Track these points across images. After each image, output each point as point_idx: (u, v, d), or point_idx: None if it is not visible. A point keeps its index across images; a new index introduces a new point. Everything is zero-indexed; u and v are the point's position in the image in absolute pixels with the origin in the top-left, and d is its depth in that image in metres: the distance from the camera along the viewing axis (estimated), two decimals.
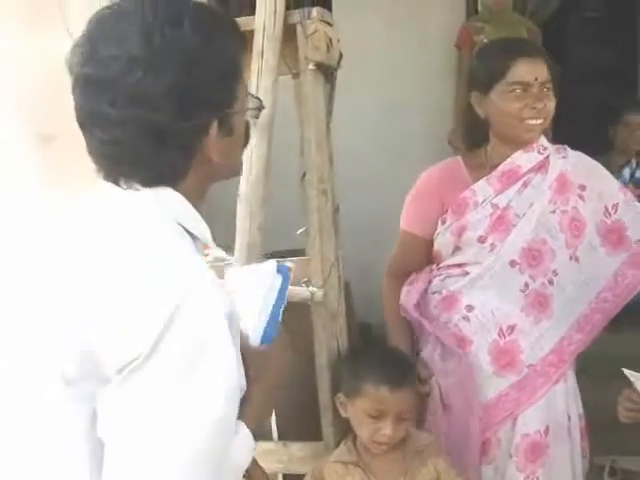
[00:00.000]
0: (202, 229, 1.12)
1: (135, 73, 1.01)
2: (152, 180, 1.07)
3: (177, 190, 1.09)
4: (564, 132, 4.23)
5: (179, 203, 1.09)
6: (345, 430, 2.00)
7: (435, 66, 4.31)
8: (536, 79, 2.02)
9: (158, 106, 1.02)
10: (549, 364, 2.07)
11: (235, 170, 1.21)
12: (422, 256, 2.20)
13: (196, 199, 1.12)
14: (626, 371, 1.76)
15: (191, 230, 1.10)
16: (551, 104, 2.05)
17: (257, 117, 1.23)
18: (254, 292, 1.28)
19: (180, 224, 1.08)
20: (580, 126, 4.62)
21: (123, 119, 1.02)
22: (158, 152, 1.05)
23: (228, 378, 1.01)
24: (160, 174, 1.07)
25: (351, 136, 4.39)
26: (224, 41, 1.08)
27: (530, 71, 2.03)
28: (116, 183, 1.08)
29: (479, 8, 4.35)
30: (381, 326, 2.51)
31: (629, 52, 4.30)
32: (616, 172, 3.93)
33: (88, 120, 1.06)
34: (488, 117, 2.10)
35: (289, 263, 1.31)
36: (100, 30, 1.05)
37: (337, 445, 1.99)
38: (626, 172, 3.96)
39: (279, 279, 1.28)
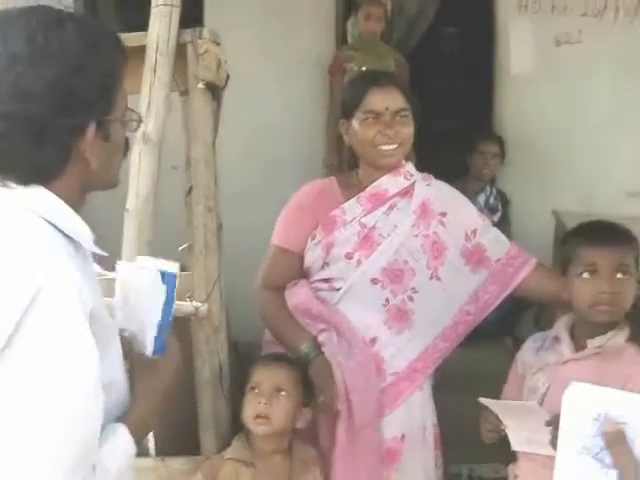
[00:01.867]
0: (79, 230, 1.14)
1: (16, 69, 1.05)
2: (27, 176, 1.09)
3: (52, 189, 1.11)
4: (425, 157, 4.50)
5: (50, 202, 1.11)
6: (225, 444, 2.04)
7: (307, 90, 4.42)
8: (387, 108, 2.17)
9: (37, 102, 1.06)
10: (414, 370, 2.19)
11: (111, 181, 1.23)
12: (293, 271, 2.25)
13: (73, 202, 1.14)
14: (482, 400, 1.86)
15: (65, 230, 1.11)
16: (405, 130, 2.19)
17: (135, 130, 1.26)
18: (141, 300, 1.28)
19: (51, 223, 1.09)
20: (440, 153, 4.88)
21: (5, 114, 1.05)
22: (35, 148, 1.08)
23: (85, 372, 1.03)
24: (35, 171, 1.09)
25: (224, 156, 4.44)
26: (107, 50, 1.13)
27: (381, 100, 2.18)
28: None
29: (348, 38, 4.51)
30: (248, 344, 2.56)
31: (487, 86, 4.59)
32: (471, 198, 4.20)
33: None
34: (352, 143, 2.24)
35: (173, 269, 1.29)
36: None
37: None
38: (481, 198, 4.21)
39: (164, 289, 1.27)
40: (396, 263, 2.19)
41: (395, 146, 2.19)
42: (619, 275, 1.86)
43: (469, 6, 4.73)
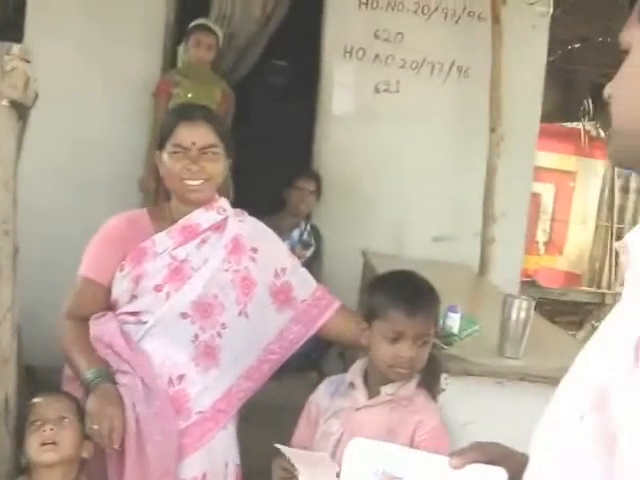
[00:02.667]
0: None
1: None
2: None
3: None
4: (244, 190, 4.54)
5: None
6: None
7: (131, 111, 4.33)
8: (194, 143, 2.17)
9: None
10: (218, 410, 2.16)
11: None
12: (99, 303, 2.19)
13: None
14: (280, 447, 1.87)
15: None
16: (212, 166, 2.19)
17: None
18: None
19: None
20: (262, 183, 4.94)
21: None
22: None
23: None
24: None
25: (36, 170, 4.26)
26: None
27: (188, 135, 2.17)
28: None
29: (178, 62, 4.47)
30: (47, 370, 2.45)
31: (308, 120, 4.71)
32: (287, 232, 4.28)
33: None
34: (162, 175, 2.23)
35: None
36: None
37: None
38: (295, 234, 4.30)
39: None
40: (206, 297, 2.18)
41: (200, 182, 2.18)
42: (420, 343, 1.96)
43: (301, 43, 4.87)
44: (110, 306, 2.20)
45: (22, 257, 2.12)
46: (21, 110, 1.89)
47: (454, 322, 2.36)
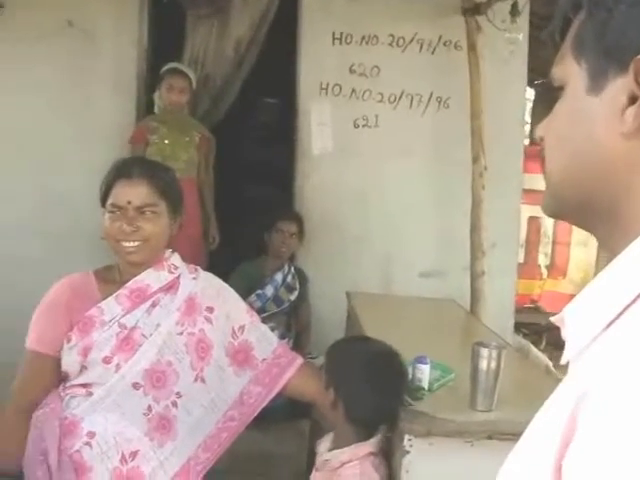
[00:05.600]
0: None
1: None
2: None
3: None
4: (226, 231, 4.44)
5: None
6: None
7: (102, 159, 4.23)
8: (129, 202, 2.04)
9: None
10: None
11: None
12: (51, 377, 2.07)
13: None
14: None
15: None
16: (150, 227, 2.06)
17: None
18: None
19: None
20: (246, 226, 4.86)
21: None
22: None
23: None
24: None
25: (6, 220, 4.22)
26: None
27: (124, 195, 2.05)
28: None
29: (155, 109, 4.41)
30: None
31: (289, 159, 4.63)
32: (270, 276, 4.17)
33: None
34: (104, 235, 2.11)
35: None
36: None
37: None
38: (279, 277, 4.19)
39: None
40: (159, 364, 2.05)
41: (137, 243, 2.05)
42: None
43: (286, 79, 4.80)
44: (62, 377, 2.08)
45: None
46: None
47: (423, 374, 2.22)
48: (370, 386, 2.00)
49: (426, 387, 2.21)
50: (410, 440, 1.93)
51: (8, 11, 4.28)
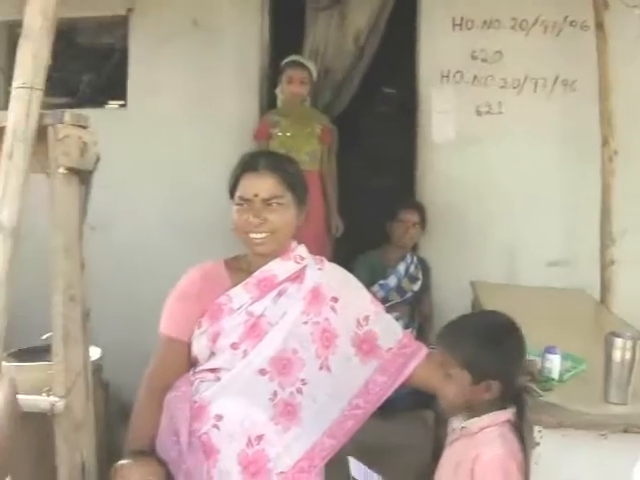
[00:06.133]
0: None
1: None
2: None
3: None
4: (353, 221, 4.46)
5: None
6: None
7: (228, 154, 4.34)
8: (256, 195, 2.09)
9: None
10: (299, 470, 2.07)
11: None
12: (183, 361, 2.15)
13: None
14: (351, 460, 1.81)
15: None
16: (276, 218, 2.10)
17: None
18: None
19: None
20: (368, 217, 4.86)
21: None
22: None
23: None
24: None
25: (140, 215, 4.42)
26: None
27: (251, 187, 2.10)
28: None
29: (278, 103, 4.49)
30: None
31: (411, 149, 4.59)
32: (392, 266, 4.16)
33: None
34: (233, 227, 2.16)
35: None
36: None
37: None
38: (401, 267, 4.17)
39: None
40: (284, 352, 2.09)
41: (263, 235, 2.11)
42: None
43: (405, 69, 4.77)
44: (192, 362, 2.16)
45: (134, 296, 2.09)
46: (82, 175, 1.90)
47: (553, 365, 2.16)
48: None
49: (556, 378, 2.15)
50: (540, 432, 1.88)
51: (137, 13, 4.47)
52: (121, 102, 4.67)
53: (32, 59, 1.81)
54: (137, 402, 2.11)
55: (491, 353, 2.00)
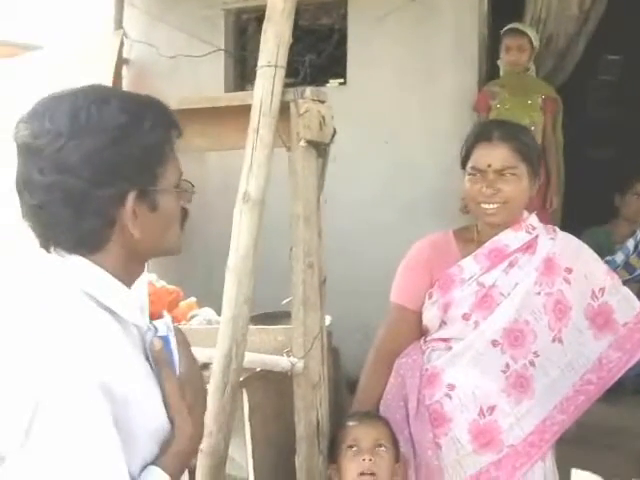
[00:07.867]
0: (122, 302, 1.13)
1: (58, 143, 1.09)
2: (71, 246, 1.12)
3: (95, 260, 1.12)
4: (572, 196, 4.29)
5: (90, 272, 1.12)
6: None
7: (449, 128, 4.34)
8: (489, 165, 2.06)
9: (76, 173, 1.09)
10: (530, 444, 2.06)
11: (166, 249, 1.22)
12: (413, 329, 2.20)
13: (120, 272, 1.14)
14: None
15: (104, 301, 1.11)
16: (509, 189, 2.06)
17: (189, 201, 1.25)
18: None
19: (89, 294, 1.10)
20: (588, 190, 4.65)
21: (48, 185, 1.09)
22: (76, 217, 1.10)
23: (100, 462, 1.01)
24: (78, 240, 1.12)
25: (361, 190, 4.52)
26: (150, 124, 1.14)
27: (484, 157, 2.08)
28: (46, 249, 1.14)
29: (500, 74, 4.39)
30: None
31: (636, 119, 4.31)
32: (620, 242, 3.94)
33: (21, 185, 1.13)
34: (464, 196, 2.15)
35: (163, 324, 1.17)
36: (41, 109, 1.13)
37: None
38: (630, 243, 3.92)
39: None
40: (517, 324, 2.07)
41: (496, 206, 2.07)
42: None
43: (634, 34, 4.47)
44: (422, 331, 2.21)
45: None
46: (319, 148, 1.99)
47: None
48: None
49: None
50: None
51: None
52: (341, 80, 4.80)
53: (275, 39, 1.92)
54: (366, 365, 2.20)
55: None
